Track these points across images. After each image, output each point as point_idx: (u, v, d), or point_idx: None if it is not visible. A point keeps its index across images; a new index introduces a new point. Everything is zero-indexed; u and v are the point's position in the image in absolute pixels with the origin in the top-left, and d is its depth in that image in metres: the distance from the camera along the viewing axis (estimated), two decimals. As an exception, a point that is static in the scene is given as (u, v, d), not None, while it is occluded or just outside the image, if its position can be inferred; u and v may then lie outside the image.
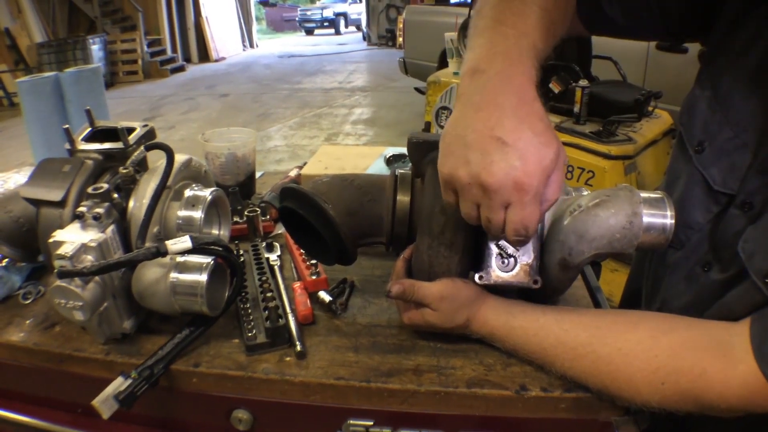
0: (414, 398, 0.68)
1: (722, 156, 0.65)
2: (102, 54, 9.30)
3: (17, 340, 0.77)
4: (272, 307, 0.75)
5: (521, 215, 0.54)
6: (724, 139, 0.64)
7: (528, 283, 0.66)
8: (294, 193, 0.72)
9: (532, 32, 0.60)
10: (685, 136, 0.71)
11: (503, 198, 0.53)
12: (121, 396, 0.64)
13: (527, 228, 0.55)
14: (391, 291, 0.69)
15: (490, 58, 0.57)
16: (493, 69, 0.56)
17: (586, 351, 0.63)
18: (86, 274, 0.64)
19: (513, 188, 0.52)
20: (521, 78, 0.56)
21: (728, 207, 0.64)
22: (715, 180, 0.65)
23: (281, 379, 0.69)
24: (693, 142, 0.69)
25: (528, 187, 0.52)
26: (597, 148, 2.32)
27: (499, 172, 0.52)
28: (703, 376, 0.56)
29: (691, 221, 0.67)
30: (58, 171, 0.75)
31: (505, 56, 0.57)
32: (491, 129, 0.53)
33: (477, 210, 0.57)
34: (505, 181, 0.52)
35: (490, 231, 0.58)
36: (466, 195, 0.56)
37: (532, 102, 0.55)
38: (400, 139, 5.40)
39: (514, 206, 0.54)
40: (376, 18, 14.20)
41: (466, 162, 0.54)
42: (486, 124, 0.53)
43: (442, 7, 6.30)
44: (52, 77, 1.61)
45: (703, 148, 0.67)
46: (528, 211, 0.54)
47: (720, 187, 0.65)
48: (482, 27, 0.61)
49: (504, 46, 0.58)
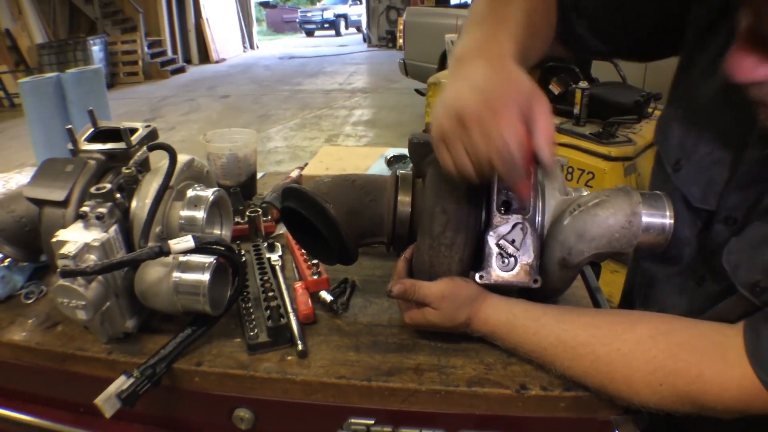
0: (415, 397, 0.68)
1: (700, 173, 0.65)
2: (102, 55, 9.31)
3: (20, 339, 0.77)
4: (274, 306, 0.76)
5: (499, 133, 0.53)
6: (701, 155, 0.65)
7: (528, 282, 0.66)
8: (295, 193, 0.73)
9: (513, 25, 0.65)
10: (662, 155, 0.72)
11: (480, 124, 0.54)
12: (124, 395, 0.65)
13: (507, 145, 0.53)
14: (393, 291, 0.70)
15: (471, 47, 0.63)
16: (472, 53, 0.62)
17: (586, 351, 0.63)
18: (89, 273, 0.64)
19: (486, 109, 0.54)
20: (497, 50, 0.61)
21: (712, 222, 0.65)
22: (695, 197, 0.66)
23: (283, 378, 0.69)
24: (670, 161, 0.69)
25: (500, 105, 0.54)
26: (597, 150, 2.32)
27: (470, 101, 0.55)
28: (701, 378, 0.57)
29: (680, 236, 0.68)
30: (61, 171, 0.76)
31: (482, 41, 0.63)
32: (463, 81, 0.58)
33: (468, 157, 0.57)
34: (477, 105, 0.54)
35: (482, 171, 0.57)
36: (451, 138, 0.57)
37: (505, 64, 0.59)
38: (401, 141, 5.40)
39: (491, 127, 0.54)
40: (377, 19, 14.21)
41: (445, 110, 0.58)
42: (461, 81, 0.58)
43: (443, 8, 6.32)
44: (54, 78, 1.61)
45: (680, 167, 0.68)
46: (505, 126, 0.53)
47: (700, 204, 0.65)
48: (466, 29, 0.67)
49: (481, 35, 0.64)
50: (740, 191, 0.61)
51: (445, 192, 0.67)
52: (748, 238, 0.58)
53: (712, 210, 0.64)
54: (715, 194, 0.64)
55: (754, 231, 0.58)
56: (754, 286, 0.56)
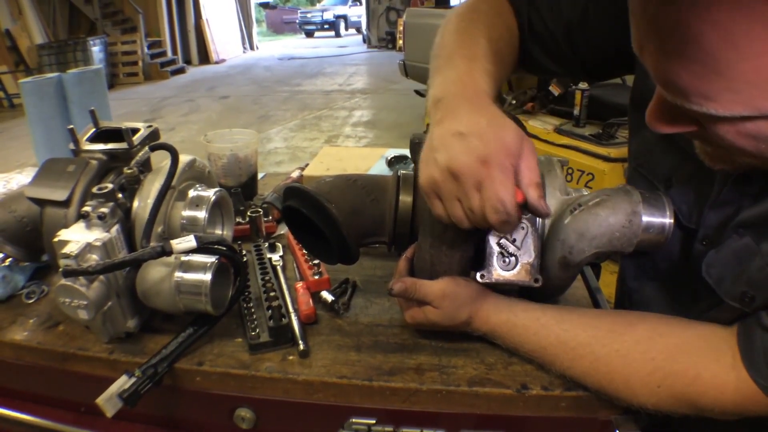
0: (416, 397, 0.68)
1: (689, 190, 0.66)
2: (102, 55, 9.31)
3: (21, 339, 0.77)
4: (275, 306, 0.76)
5: (493, 189, 0.54)
6: (689, 173, 0.66)
7: (529, 281, 0.66)
8: (297, 192, 0.73)
9: (481, 58, 0.66)
10: (649, 175, 0.72)
11: (473, 179, 0.54)
12: (125, 394, 0.65)
13: (503, 202, 0.54)
14: (393, 289, 0.70)
15: (446, 86, 0.63)
16: (450, 94, 0.61)
17: (586, 351, 0.63)
18: (91, 273, 0.64)
19: (478, 165, 0.54)
20: (475, 92, 0.61)
21: (693, 241, 0.65)
22: (685, 216, 0.66)
23: (284, 378, 0.70)
24: (661, 180, 0.70)
25: (491, 160, 0.54)
26: (596, 151, 2.32)
27: (462, 156, 0.55)
28: (698, 380, 0.57)
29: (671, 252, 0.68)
30: (63, 171, 0.76)
31: (458, 81, 0.63)
32: (450, 128, 0.57)
33: (461, 207, 0.58)
34: (469, 161, 0.54)
35: (476, 222, 0.58)
36: (444, 193, 0.57)
37: (487, 105, 0.59)
38: (400, 142, 5.41)
39: (484, 183, 0.54)
40: (376, 20, 14.23)
41: (435, 162, 0.57)
42: (446, 128, 0.57)
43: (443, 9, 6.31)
44: (55, 78, 1.61)
45: (671, 184, 0.68)
46: (498, 184, 0.54)
47: (687, 222, 0.66)
48: (437, 66, 0.67)
49: (456, 74, 0.64)
50: (716, 210, 0.62)
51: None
52: (729, 252, 0.58)
53: (695, 228, 0.65)
54: (698, 213, 0.65)
55: (733, 244, 0.58)
56: (743, 297, 0.56)
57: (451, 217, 0.59)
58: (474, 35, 0.69)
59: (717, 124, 0.47)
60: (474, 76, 0.63)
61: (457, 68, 0.64)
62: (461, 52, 0.67)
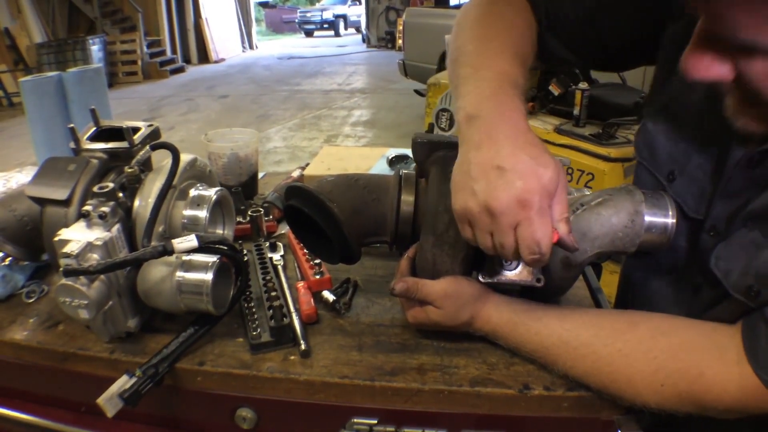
0: (418, 397, 0.68)
1: (693, 183, 0.65)
2: (101, 54, 9.29)
3: (21, 338, 0.77)
4: (276, 306, 0.76)
5: (530, 231, 0.54)
6: (693, 166, 0.65)
7: (531, 281, 0.66)
8: (299, 191, 0.73)
9: (510, 70, 0.65)
10: (653, 169, 0.72)
11: (510, 218, 0.55)
12: (126, 394, 0.64)
13: (539, 244, 0.54)
14: (395, 288, 0.70)
15: (481, 103, 0.61)
16: (485, 112, 0.60)
17: (588, 351, 0.63)
18: (92, 272, 0.64)
19: (517, 206, 0.54)
20: (512, 114, 0.60)
21: (700, 232, 0.65)
22: (690, 207, 0.66)
23: (285, 378, 0.69)
24: (663, 173, 0.69)
25: (531, 203, 0.54)
26: (596, 151, 2.32)
27: (502, 194, 0.54)
28: (701, 378, 0.57)
29: (676, 245, 0.68)
30: (63, 170, 0.75)
31: (493, 98, 0.62)
32: (491, 159, 0.56)
33: (492, 239, 0.58)
34: (509, 202, 0.54)
35: (505, 255, 0.58)
36: (478, 224, 0.58)
37: (525, 132, 0.59)
38: (400, 141, 5.41)
39: (522, 224, 0.55)
40: (376, 20, 14.22)
41: (473, 193, 0.56)
42: (486, 157, 0.57)
43: (442, 9, 6.32)
44: (55, 77, 1.61)
45: (674, 177, 0.68)
46: (536, 227, 0.54)
47: (694, 214, 0.66)
48: (465, 75, 0.66)
49: (490, 90, 0.62)
50: (726, 200, 0.62)
51: (448, 191, 0.66)
52: (737, 244, 0.58)
53: (702, 219, 0.65)
54: (705, 203, 0.64)
55: (742, 236, 0.58)
56: (749, 290, 0.56)
57: (480, 245, 0.60)
58: (497, 40, 0.68)
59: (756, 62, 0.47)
60: (508, 92, 0.62)
61: (488, 81, 0.63)
62: (488, 63, 0.66)
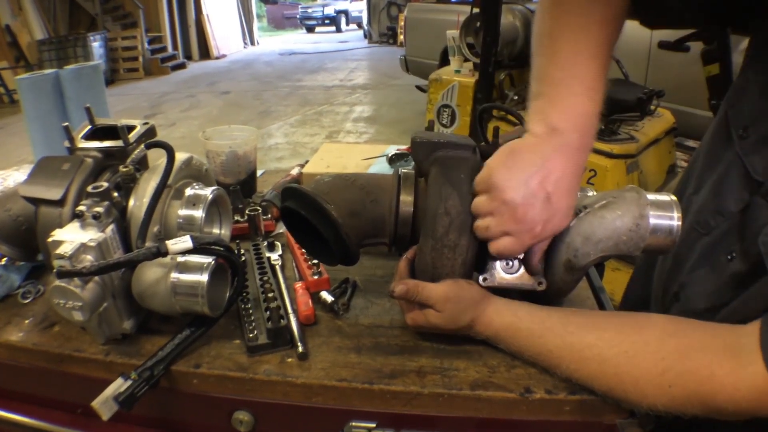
0: (417, 400, 0.67)
1: (766, 145, 0.63)
2: (103, 51, 9.29)
3: (16, 339, 0.76)
4: (274, 307, 0.74)
5: (512, 246, 0.64)
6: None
7: (532, 284, 0.65)
8: (295, 193, 0.72)
9: (598, 84, 0.65)
10: (731, 120, 0.69)
11: (515, 229, 0.63)
12: (121, 397, 0.64)
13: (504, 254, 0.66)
14: (395, 291, 0.69)
15: (569, 118, 0.64)
16: (568, 134, 0.64)
17: (593, 353, 0.62)
18: (86, 274, 0.63)
19: (529, 230, 0.63)
20: (585, 153, 0.65)
21: (755, 195, 0.62)
22: (756, 169, 0.63)
23: (283, 381, 0.68)
24: (738, 127, 0.67)
25: (537, 237, 0.64)
26: (599, 147, 2.30)
27: (534, 216, 0.63)
28: (712, 378, 0.55)
29: (722, 208, 0.66)
30: (58, 169, 0.74)
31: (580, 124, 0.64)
32: (549, 183, 0.63)
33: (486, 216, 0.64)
34: (531, 225, 0.63)
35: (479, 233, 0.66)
36: (496, 207, 0.63)
37: (579, 177, 0.65)
38: (402, 138, 5.39)
39: (513, 237, 0.64)
40: (377, 16, 14.17)
41: (517, 191, 0.62)
42: (548, 177, 0.63)
43: (444, 5, 6.28)
44: (52, 74, 1.60)
45: (747, 135, 0.65)
46: (517, 247, 0.65)
47: (760, 177, 0.63)
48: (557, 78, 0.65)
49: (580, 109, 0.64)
50: None
51: (448, 193, 0.65)
52: None
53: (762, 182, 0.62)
54: None
55: None
56: None
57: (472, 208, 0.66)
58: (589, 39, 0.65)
59: None
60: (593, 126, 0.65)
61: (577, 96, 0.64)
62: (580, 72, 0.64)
